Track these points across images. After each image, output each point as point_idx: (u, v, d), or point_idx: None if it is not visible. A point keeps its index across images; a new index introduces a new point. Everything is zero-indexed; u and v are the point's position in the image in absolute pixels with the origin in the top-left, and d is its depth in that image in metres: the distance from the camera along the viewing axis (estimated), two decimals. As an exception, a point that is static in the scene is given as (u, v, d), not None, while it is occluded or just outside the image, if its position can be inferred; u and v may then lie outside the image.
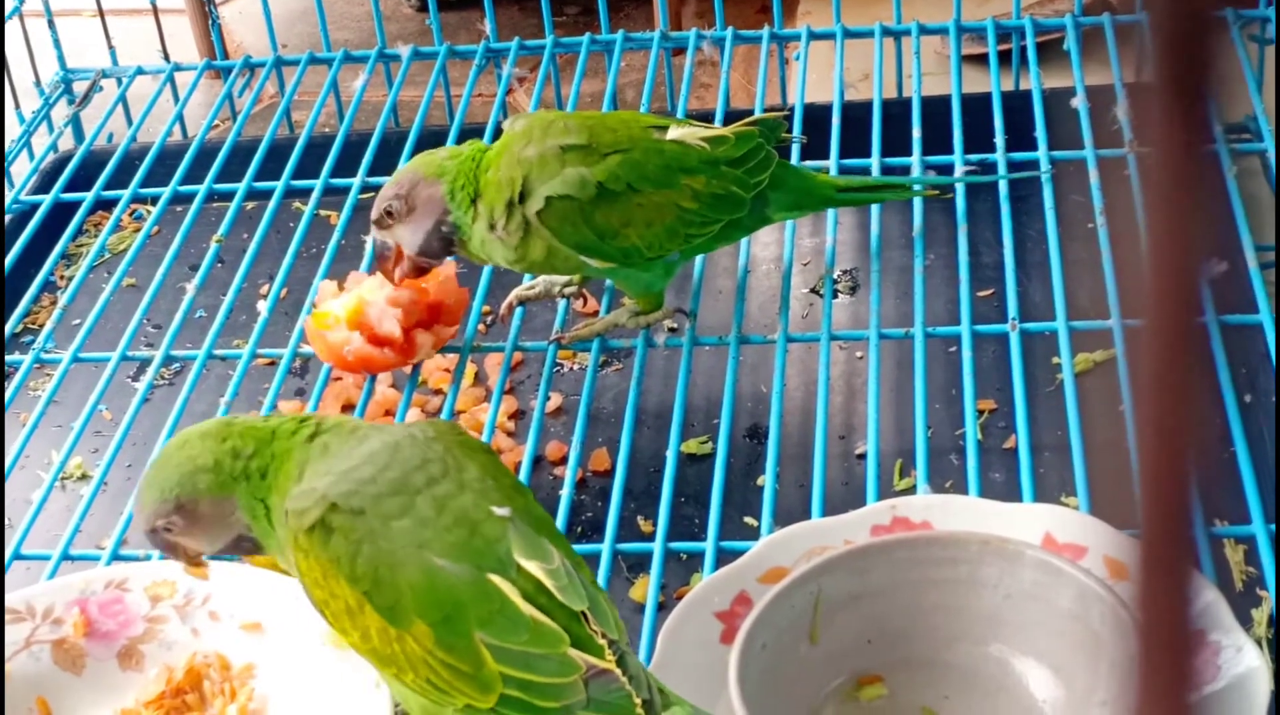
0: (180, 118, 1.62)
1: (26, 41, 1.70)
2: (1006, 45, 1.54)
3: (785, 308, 1.23)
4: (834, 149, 1.37)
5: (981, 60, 1.58)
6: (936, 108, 1.40)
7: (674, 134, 1.15)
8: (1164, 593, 0.28)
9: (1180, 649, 0.29)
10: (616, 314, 1.22)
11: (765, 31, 1.57)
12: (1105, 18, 1.51)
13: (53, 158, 1.59)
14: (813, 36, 1.54)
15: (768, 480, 1.07)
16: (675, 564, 1.10)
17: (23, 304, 1.36)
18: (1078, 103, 1.37)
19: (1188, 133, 0.27)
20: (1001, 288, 1.23)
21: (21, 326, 1.38)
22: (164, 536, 0.90)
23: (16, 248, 1.41)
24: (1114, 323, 1.16)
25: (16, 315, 1.36)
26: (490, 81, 1.68)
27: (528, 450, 1.14)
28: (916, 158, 1.35)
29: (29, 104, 1.67)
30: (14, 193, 1.52)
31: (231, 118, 1.64)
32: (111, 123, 1.61)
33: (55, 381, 1.25)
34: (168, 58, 1.78)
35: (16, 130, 1.62)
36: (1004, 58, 1.51)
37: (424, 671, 0.82)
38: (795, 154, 1.35)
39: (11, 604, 0.99)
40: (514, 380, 1.29)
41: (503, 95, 1.55)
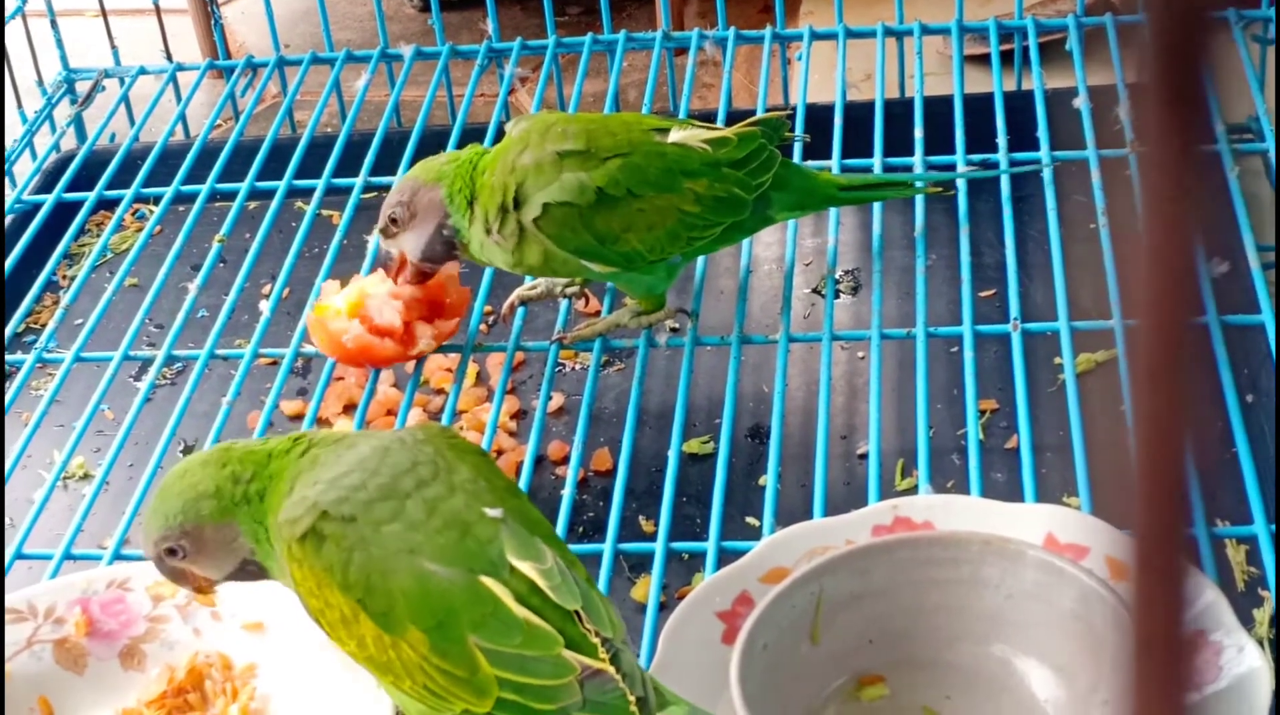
0: (183, 117, 1.62)
1: (29, 41, 1.70)
2: (1009, 45, 1.54)
3: (787, 308, 1.23)
4: (836, 149, 1.37)
5: (984, 60, 1.58)
6: (938, 108, 1.40)
7: (676, 136, 1.15)
8: (1160, 592, 0.28)
9: (1178, 649, 0.29)
10: (618, 314, 1.22)
11: (767, 31, 1.57)
12: (1107, 18, 1.50)
13: (55, 157, 1.59)
14: (815, 36, 1.54)
15: (769, 480, 1.07)
16: (677, 564, 1.10)
17: (25, 304, 1.36)
18: (1080, 103, 1.37)
19: (1185, 134, 0.27)
20: (1003, 288, 1.23)
21: (24, 326, 1.38)
22: (171, 564, 0.90)
23: (19, 247, 1.41)
24: (1115, 323, 1.16)
25: (19, 315, 1.36)
26: (492, 81, 1.68)
27: (529, 450, 1.14)
28: (918, 158, 1.35)
29: (32, 104, 1.67)
30: (16, 192, 1.52)
31: (234, 117, 1.64)
32: (114, 122, 1.61)
33: (57, 381, 1.25)
34: (170, 58, 1.78)
35: (19, 130, 1.62)
36: (1006, 58, 1.51)
37: (420, 678, 0.81)
38: (798, 153, 1.35)
39: (13, 603, 0.99)
40: (516, 380, 1.30)
41: (505, 95, 1.55)
